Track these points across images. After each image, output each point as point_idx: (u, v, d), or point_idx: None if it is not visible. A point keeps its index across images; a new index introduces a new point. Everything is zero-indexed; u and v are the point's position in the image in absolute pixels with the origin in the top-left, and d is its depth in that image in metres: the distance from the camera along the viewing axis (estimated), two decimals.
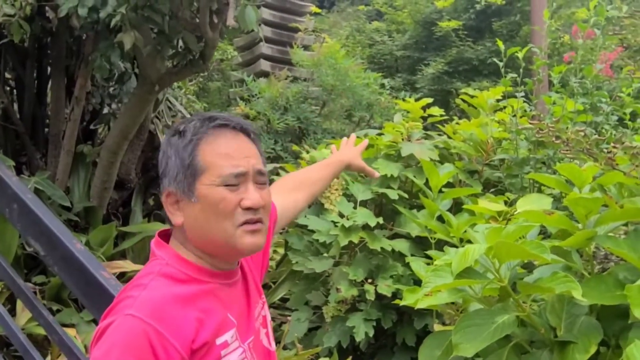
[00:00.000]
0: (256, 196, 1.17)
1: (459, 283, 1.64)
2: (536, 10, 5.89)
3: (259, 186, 1.20)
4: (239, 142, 1.21)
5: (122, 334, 1.04)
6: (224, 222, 1.15)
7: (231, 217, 1.15)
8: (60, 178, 3.26)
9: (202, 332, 1.10)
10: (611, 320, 1.78)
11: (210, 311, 1.15)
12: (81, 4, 2.37)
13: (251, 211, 1.17)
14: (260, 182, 1.20)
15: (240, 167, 1.17)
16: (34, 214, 2.32)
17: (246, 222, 1.17)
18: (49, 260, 2.30)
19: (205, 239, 1.18)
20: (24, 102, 3.50)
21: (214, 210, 1.15)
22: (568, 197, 1.78)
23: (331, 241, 3.06)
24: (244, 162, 1.18)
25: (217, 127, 1.20)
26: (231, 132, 1.21)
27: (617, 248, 1.68)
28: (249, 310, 1.28)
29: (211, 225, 1.16)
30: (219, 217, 1.15)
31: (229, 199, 1.15)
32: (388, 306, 2.99)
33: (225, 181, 1.15)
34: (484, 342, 1.64)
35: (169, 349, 1.04)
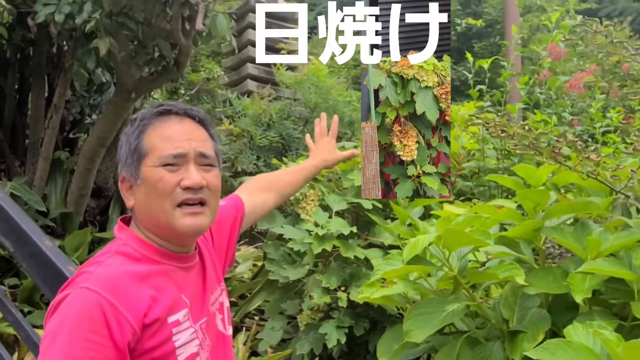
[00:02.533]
0: (196, 176, 1.21)
1: (407, 269, 1.70)
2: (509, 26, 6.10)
3: (202, 167, 1.23)
4: (183, 126, 1.25)
5: (76, 305, 1.07)
6: (163, 202, 1.19)
7: (169, 196, 1.19)
8: (37, 184, 3.30)
9: (155, 309, 1.14)
10: (561, 312, 1.84)
11: (164, 290, 1.18)
12: (58, 11, 2.45)
13: (191, 191, 1.20)
14: (203, 163, 1.24)
15: (179, 149, 1.21)
16: (4, 211, 2.35)
17: (185, 202, 1.20)
18: (18, 257, 2.33)
19: (150, 219, 1.22)
20: (4, 110, 3.56)
21: (154, 190, 1.19)
22: (517, 192, 1.85)
23: (305, 250, 3.11)
24: (184, 144, 1.22)
25: (162, 113, 1.25)
26: (176, 117, 1.25)
27: (563, 239, 1.75)
28: (204, 294, 1.31)
29: (153, 206, 1.20)
30: (158, 197, 1.19)
31: (167, 179, 1.19)
32: (361, 315, 3.02)
33: (164, 161, 1.20)
34: (433, 329, 1.68)
35: (122, 321, 1.07)
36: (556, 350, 1.32)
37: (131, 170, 1.22)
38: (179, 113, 1.26)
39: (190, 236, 1.26)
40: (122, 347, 1.07)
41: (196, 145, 1.23)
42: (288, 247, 3.20)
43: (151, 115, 1.26)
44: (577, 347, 1.32)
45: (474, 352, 1.79)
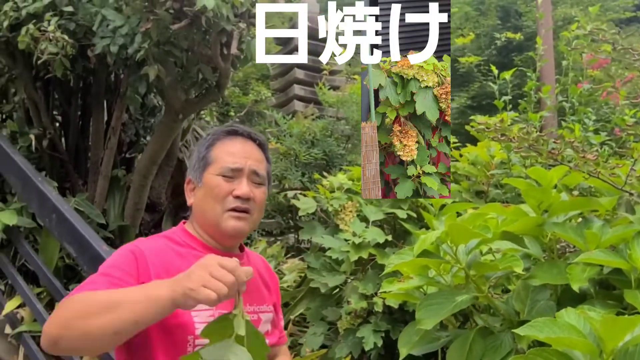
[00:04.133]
0: (246, 188, 1.47)
1: (417, 262, 1.86)
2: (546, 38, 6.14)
3: (253, 184, 1.50)
4: (245, 146, 1.53)
5: (116, 252, 1.40)
6: (216, 205, 1.46)
7: (222, 201, 1.46)
8: (97, 200, 3.64)
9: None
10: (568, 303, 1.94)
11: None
12: (113, 43, 2.78)
13: (240, 200, 1.46)
14: (254, 180, 1.51)
15: (237, 164, 1.48)
16: (69, 222, 2.67)
17: (234, 208, 1.46)
18: (80, 261, 2.65)
19: (202, 217, 1.49)
20: (69, 134, 3.95)
21: (210, 194, 1.47)
22: (522, 191, 1.99)
23: (343, 258, 3.28)
24: (242, 160, 1.49)
25: (230, 132, 1.55)
26: (241, 138, 1.54)
27: (564, 233, 1.87)
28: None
29: (207, 206, 1.47)
30: (213, 200, 1.46)
31: (223, 186, 1.46)
32: (397, 320, 3.14)
33: (223, 172, 1.47)
34: (442, 317, 1.83)
35: (147, 267, 1.33)
36: (543, 327, 1.45)
37: (196, 175, 1.50)
38: (244, 135, 1.55)
39: (232, 236, 1.50)
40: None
41: (251, 164, 1.50)
42: (327, 255, 3.39)
43: (221, 132, 1.55)
44: (562, 324, 1.45)
45: (486, 341, 1.92)
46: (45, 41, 2.77)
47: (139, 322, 1.12)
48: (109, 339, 1.13)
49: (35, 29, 2.87)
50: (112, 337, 1.12)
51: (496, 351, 1.86)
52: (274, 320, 1.63)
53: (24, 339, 3.00)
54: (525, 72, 3.82)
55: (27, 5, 2.93)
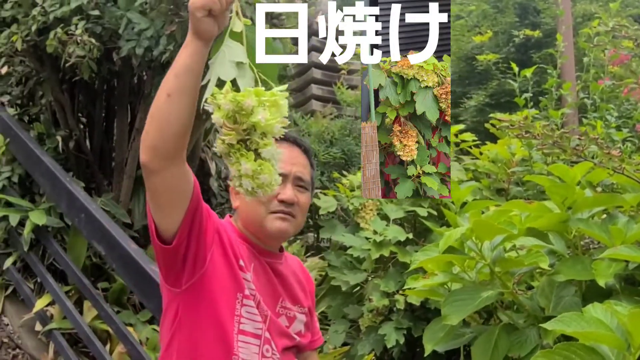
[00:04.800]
0: (290, 193, 1.52)
1: (442, 258, 1.88)
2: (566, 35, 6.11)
3: (297, 188, 1.55)
4: (291, 152, 1.57)
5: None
6: (261, 207, 1.51)
7: (267, 204, 1.51)
8: (123, 200, 3.70)
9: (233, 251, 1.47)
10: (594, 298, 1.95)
11: (246, 256, 1.50)
12: (138, 45, 2.84)
13: (284, 204, 1.52)
14: (299, 185, 1.56)
15: (282, 170, 1.49)
16: (98, 221, 2.73)
17: (278, 211, 1.51)
18: (109, 259, 2.71)
19: (247, 218, 1.55)
20: (94, 135, 4.03)
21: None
22: (545, 188, 2.00)
23: (364, 256, 3.32)
24: (288, 166, 1.53)
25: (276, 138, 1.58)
26: (287, 144, 1.57)
27: (588, 229, 1.88)
28: (275, 291, 1.57)
29: (251, 209, 1.53)
30: (258, 203, 1.51)
31: None
32: (419, 317, 3.17)
33: None
34: (467, 312, 1.86)
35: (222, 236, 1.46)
36: (570, 322, 1.47)
37: None
38: (290, 140, 1.59)
39: (276, 237, 1.56)
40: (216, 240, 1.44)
41: (297, 169, 1.56)
42: (348, 254, 3.42)
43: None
44: (590, 319, 1.46)
45: (511, 337, 1.94)
46: (73, 44, 2.83)
47: (178, 75, 1.19)
48: (165, 105, 1.19)
49: (62, 33, 2.93)
50: (167, 100, 1.19)
51: (521, 347, 1.88)
52: (307, 323, 1.67)
53: (54, 335, 3.07)
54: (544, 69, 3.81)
55: (54, 9, 3.00)
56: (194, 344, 1.41)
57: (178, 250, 1.35)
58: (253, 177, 1.09)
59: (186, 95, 1.17)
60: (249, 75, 1.15)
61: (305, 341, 1.64)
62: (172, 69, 1.21)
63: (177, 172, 1.27)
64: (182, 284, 1.41)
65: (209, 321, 1.41)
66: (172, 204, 1.31)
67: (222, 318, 1.41)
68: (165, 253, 1.36)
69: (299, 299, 1.64)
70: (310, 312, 1.70)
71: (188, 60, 1.18)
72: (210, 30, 1.17)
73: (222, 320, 1.41)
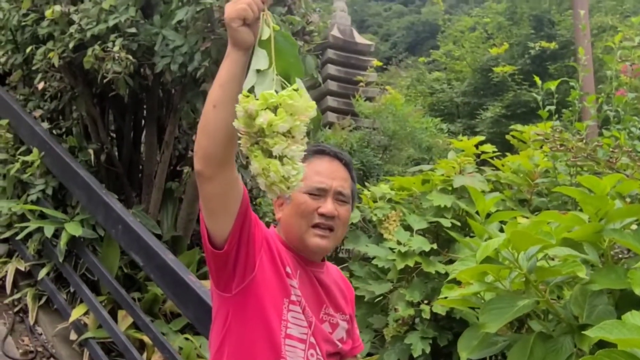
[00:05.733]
0: (331, 207, 1.57)
1: (480, 268, 1.93)
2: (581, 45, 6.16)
3: (338, 202, 1.60)
4: (332, 166, 1.63)
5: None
6: (301, 220, 1.57)
7: (307, 217, 1.57)
8: (152, 211, 3.79)
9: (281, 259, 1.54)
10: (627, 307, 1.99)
11: (291, 264, 1.57)
12: (173, 61, 2.93)
13: (324, 217, 1.57)
14: (339, 199, 1.61)
15: (323, 184, 1.58)
16: (134, 232, 2.81)
17: (318, 224, 1.57)
18: (147, 269, 2.78)
19: (289, 229, 1.61)
20: (123, 148, 4.13)
21: (297, 210, 1.58)
22: (578, 199, 2.05)
23: (389, 266, 3.36)
24: (328, 180, 1.59)
25: (318, 152, 1.65)
26: (328, 157, 1.64)
27: (623, 239, 1.93)
28: (318, 297, 1.63)
29: (293, 221, 1.59)
30: (299, 216, 1.57)
31: (309, 204, 1.57)
32: (444, 327, 3.20)
33: (310, 190, 1.57)
34: (505, 321, 1.90)
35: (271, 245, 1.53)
36: (612, 329, 1.51)
37: None
38: (331, 154, 1.65)
39: (315, 252, 1.61)
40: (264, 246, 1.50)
41: (337, 184, 1.60)
42: (373, 264, 3.47)
43: (310, 152, 1.62)
44: (631, 326, 1.51)
45: (546, 345, 1.98)
46: (110, 61, 2.93)
47: (222, 84, 1.28)
48: (212, 115, 1.28)
49: (100, 50, 3.03)
50: (213, 111, 1.27)
51: (557, 354, 1.92)
52: (349, 330, 1.72)
53: (90, 344, 3.15)
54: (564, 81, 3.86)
55: (91, 27, 3.10)
56: (244, 347, 1.48)
57: (229, 255, 1.42)
58: (265, 175, 1.15)
59: (231, 104, 1.22)
60: (269, 81, 1.20)
61: (346, 348, 1.70)
62: (217, 80, 1.29)
63: (228, 178, 1.35)
64: (233, 289, 1.47)
65: (258, 325, 1.47)
66: (224, 209, 1.38)
67: (271, 322, 1.47)
68: (216, 258, 1.43)
69: (341, 306, 1.70)
70: (351, 320, 1.76)
71: (231, 69, 1.27)
72: (247, 39, 1.26)
73: (271, 324, 1.47)
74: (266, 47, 1.24)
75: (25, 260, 3.73)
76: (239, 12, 1.23)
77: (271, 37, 1.24)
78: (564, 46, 8.22)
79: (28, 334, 3.52)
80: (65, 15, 3.20)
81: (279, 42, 1.26)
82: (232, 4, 1.26)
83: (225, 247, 1.40)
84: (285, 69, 1.26)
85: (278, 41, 1.26)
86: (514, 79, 7.72)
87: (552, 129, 2.74)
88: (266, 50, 1.24)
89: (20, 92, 4.23)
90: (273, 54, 1.24)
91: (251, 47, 1.26)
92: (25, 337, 3.51)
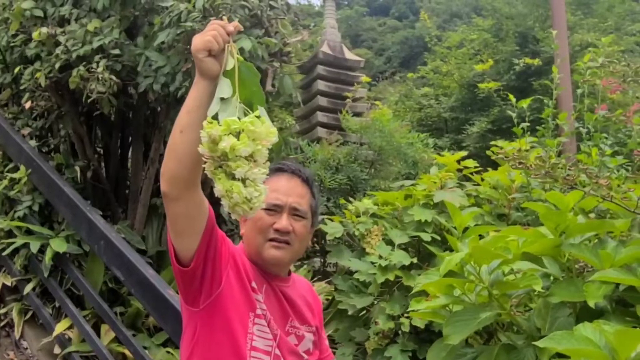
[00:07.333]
0: (285, 223, 1.65)
1: (443, 281, 2.01)
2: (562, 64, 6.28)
3: (293, 217, 1.67)
4: (290, 183, 1.70)
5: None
6: (258, 235, 1.65)
7: (264, 233, 1.65)
8: (137, 227, 3.85)
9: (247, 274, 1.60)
10: (588, 319, 2.06)
11: (256, 278, 1.64)
12: (156, 81, 3.02)
13: (279, 232, 1.64)
14: (295, 214, 1.68)
15: (278, 200, 1.66)
16: (116, 248, 2.88)
17: (274, 239, 1.64)
18: (128, 284, 2.85)
19: (248, 244, 1.69)
20: (110, 165, 4.21)
21: (254, 226, 1.66)
22: (539, 214, 2.13)
23: (370, 280, 3.43)
24: (283, 197, 1.67)
25: (277, 170, 1.73)
26: (287, 175, 1.72)
27: (580, 253, 2.01)
28: (283, 310, 1.69)
29: (251, 236, 1.67)
30: (256, 231, 1.65)
31: (265, 220, 1.65)
32: (424, 340, 3.27)
33: (266, 207, 1.63)
34: (468, 332, 1.97)
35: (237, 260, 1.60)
36: (561, 340, 1.59)
37: None
38: (289, 171, 1.73)
39: (272, 264, 1.68)
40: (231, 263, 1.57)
41: (292, 200, 1.68)
42: (355, 278, 3.53)
43: (271, 170, 1.72)
44: (580, 337, 1.58)
45: (510, 356, 2.05)
46: (94, 81, 3.02)
47: (189, 111, 1.34)
48: (179, 140, 1.34)
49: (84, 70, 3.12)
50: (180, 136, 1.34)
51: None
52: (316, 341, 1.79)
53: (74, 358, 3.19)
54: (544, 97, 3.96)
55: (77, 48, 3.19)
56: (211, 358, 1.55)
57: (195, 272, 1.49)
58: (228, 197, 1.21)
59: (197, 129, 1.27)
60: (232, 108, 1.28)
61: (313, 359, 1.76)
62: (184, 106, 1.37)
63: (193, 200, 1.42)
64: (200, 304, 1.54)
65: (224, 338, 1.55)
66: (190, 229, 1.45)
67: (236, 335, 1.55)
68: (183, 275, 1.50)
69: (307, 319, 1.76)
70: (318, 331, 1.83)
71: (197, 97, 1.35)
72: (213, 69, 1.33)
73: (236, 337, 1.54)
74: (230, 77, 1.32)
75: (11, 275, 3.78)
76: (205, 43, 1.30)
77: (235, 67, 1.33)
78: (548, 62, 8.36)
79: (13, 348, 3.56)
80: (52, 36, 3.29)
81: (242, 72, 1.35)
82: (199, 36, 1.33)
83: (192, 265, 1.47)
84: (248, 97, 1.35)
85: (242, 71, 1.35)
86: (500, 95, 7.87)
87: (514, 148, 2.83)
88: (230, 80, 1.33)
89: (9, 110, 4.31)
90: (237, 83, 1.33)
91: (217, 76, 1.33)
92: (10, 351, 3.55)
